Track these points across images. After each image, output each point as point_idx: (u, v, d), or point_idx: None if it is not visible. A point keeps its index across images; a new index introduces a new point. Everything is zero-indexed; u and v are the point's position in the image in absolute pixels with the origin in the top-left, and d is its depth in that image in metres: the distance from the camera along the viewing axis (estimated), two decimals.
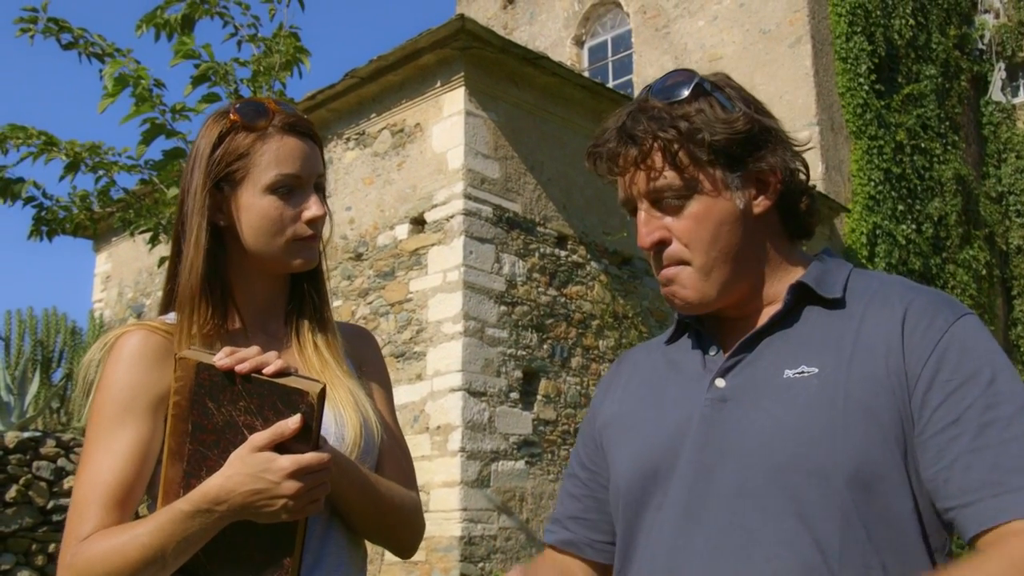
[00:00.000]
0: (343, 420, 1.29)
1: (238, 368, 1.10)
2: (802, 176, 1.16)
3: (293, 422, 1.09)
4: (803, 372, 1.05)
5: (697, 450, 1.08)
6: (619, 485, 1.18)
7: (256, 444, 1.09)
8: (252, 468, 1.09)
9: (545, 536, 1.34)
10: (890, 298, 1.08)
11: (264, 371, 1.11)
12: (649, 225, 1.11)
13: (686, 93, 1.10)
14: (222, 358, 1.11)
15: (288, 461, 1.09)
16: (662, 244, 1.11)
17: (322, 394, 1.10)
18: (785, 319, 1.11)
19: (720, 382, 1.10)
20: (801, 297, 1.11)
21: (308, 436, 1.10)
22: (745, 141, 1.10)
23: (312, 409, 1.09)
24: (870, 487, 0.99)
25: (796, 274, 1.14)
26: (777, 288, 1.14)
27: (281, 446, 1.10)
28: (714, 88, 1.12)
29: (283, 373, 1.12)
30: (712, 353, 1.15)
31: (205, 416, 1.13)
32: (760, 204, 1.12)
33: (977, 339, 1.03)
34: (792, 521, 1.00)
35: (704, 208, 1.09)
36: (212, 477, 1.12)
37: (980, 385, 0.99)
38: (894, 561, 0.99)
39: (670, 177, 1.09)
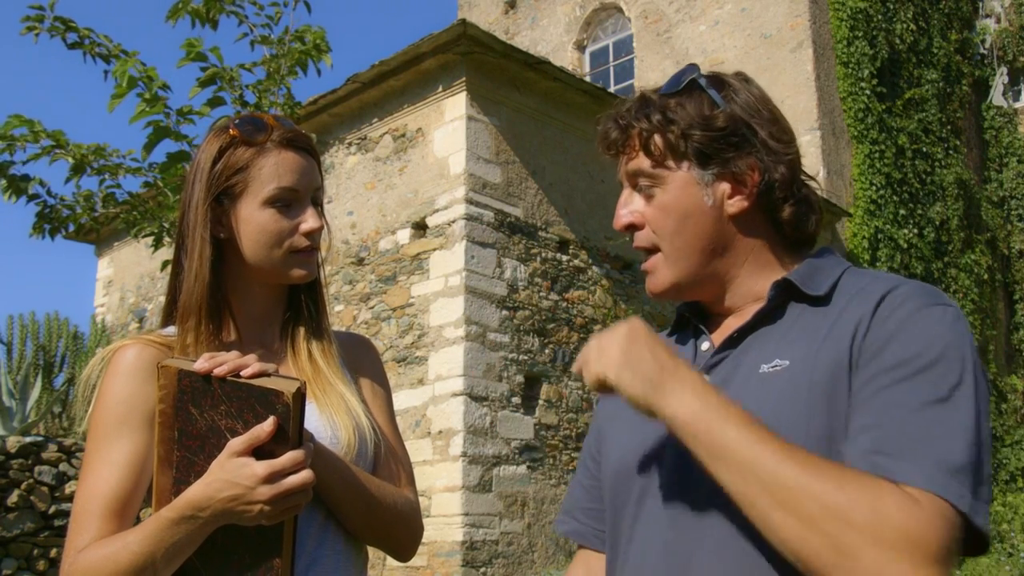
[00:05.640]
0: (336, 424, 1.30)
1: (215, 371, 1.12)
2: (796, 187, 1.14)
3: (267, 425, 1.10)
4: (776, 366, 1.04)
5: (677, 445, 1.08)
6: (607, 476, 1.21)
7: (234, 450, 1.11)
8: (228, 474, 1.11)
9: (555, 527, 1.35)
10: (873, 289, 1.04)
11: (242, 374, 1.12)
12: (624, 208, 1.17)
13: (679, 86, 1.14)
14: (201, 363, 1.13)
15: (261, 467, 1.10)
16: (632, 227, 1.16)
17: (299, 392, 1.11)
18: (770, 316, 1.10)
19: (704, 378, 1.11)
20: (786, 294, 1.10)
21: (285, 437, 1.11)
22: (721, 139, 1.11)
23: (288, 409, 1.10)
24: None
25: (786, 272, 1.14)
26: (764, 285, 1.13)
27: (262, 448, 1.11)
28: (712, 85, 1.14)
29: (261, 375, 1.13)
30: (704, 348, 1.16)
31: (189, 422, 1.14)
32: (735, 204, 1.13)
33: (938, 326, 0.97)
34: None
35: (671, 198, 1.13)
36: (194, 485, 1.13)
37: (914, 368, 0.94)
38: None
39: (642, 162, 1.14)
